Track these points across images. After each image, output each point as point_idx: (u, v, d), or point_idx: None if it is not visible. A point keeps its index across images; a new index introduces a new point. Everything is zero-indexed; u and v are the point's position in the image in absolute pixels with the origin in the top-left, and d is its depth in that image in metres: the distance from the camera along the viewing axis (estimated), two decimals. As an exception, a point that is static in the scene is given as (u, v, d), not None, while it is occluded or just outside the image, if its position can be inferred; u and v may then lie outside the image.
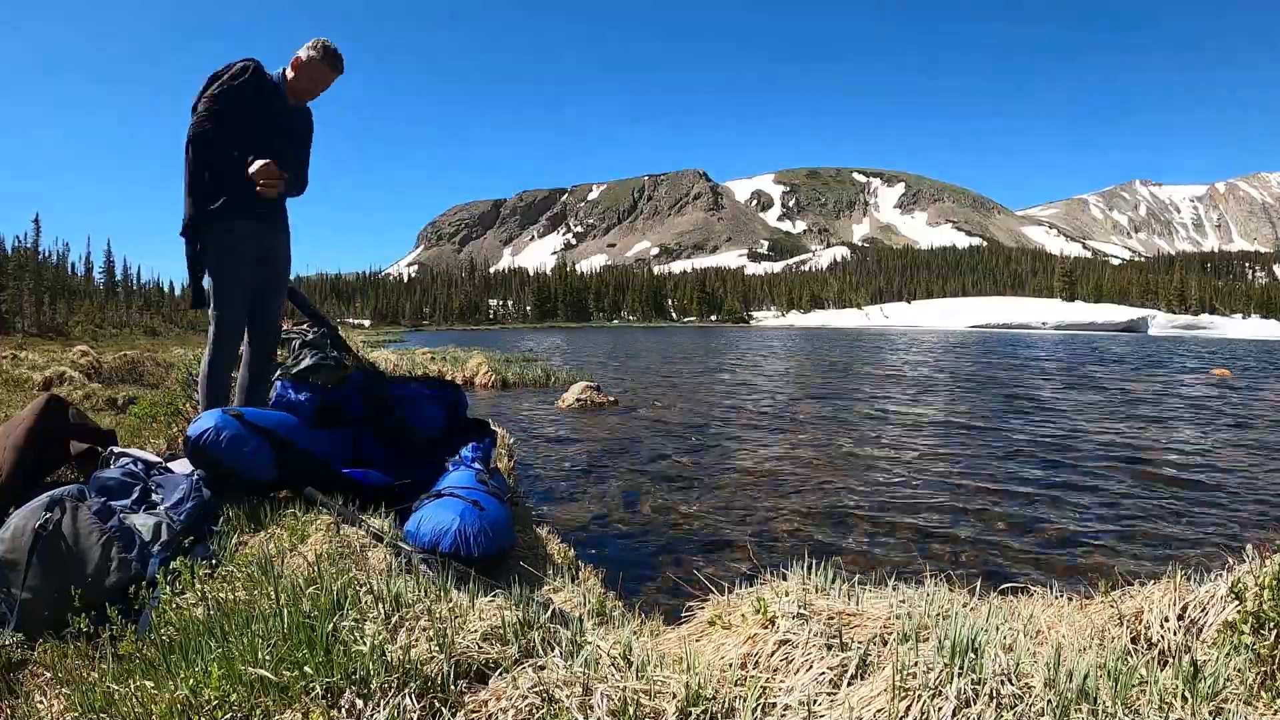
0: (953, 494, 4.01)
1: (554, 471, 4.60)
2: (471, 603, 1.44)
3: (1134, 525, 3.43)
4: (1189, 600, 1.46)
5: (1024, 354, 20.51)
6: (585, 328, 74.59)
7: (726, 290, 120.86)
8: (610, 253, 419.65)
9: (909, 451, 5.29)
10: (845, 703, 1.16)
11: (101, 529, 1.70)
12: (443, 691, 1.17)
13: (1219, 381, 11.76)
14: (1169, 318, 67.11)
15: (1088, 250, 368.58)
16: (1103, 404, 8.37)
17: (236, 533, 2.07)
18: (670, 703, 1.15)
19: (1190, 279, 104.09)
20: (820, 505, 3.76)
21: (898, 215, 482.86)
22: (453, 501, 2.17)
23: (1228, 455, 5.15)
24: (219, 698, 1.11)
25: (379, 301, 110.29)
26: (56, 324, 31.77)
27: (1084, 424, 6.70)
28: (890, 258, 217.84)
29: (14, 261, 31.80)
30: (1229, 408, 8.10)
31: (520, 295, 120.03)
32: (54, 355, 10.90)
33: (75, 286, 44.06)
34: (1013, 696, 1.10)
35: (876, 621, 1.41)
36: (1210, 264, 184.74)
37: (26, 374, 7.27)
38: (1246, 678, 1.19)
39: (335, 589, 1.38)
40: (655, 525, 3.43)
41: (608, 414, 7.29)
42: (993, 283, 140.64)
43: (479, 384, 10.02)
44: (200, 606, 1.47)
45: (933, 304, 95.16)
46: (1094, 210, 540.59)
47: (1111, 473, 4.56)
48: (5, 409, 5.14)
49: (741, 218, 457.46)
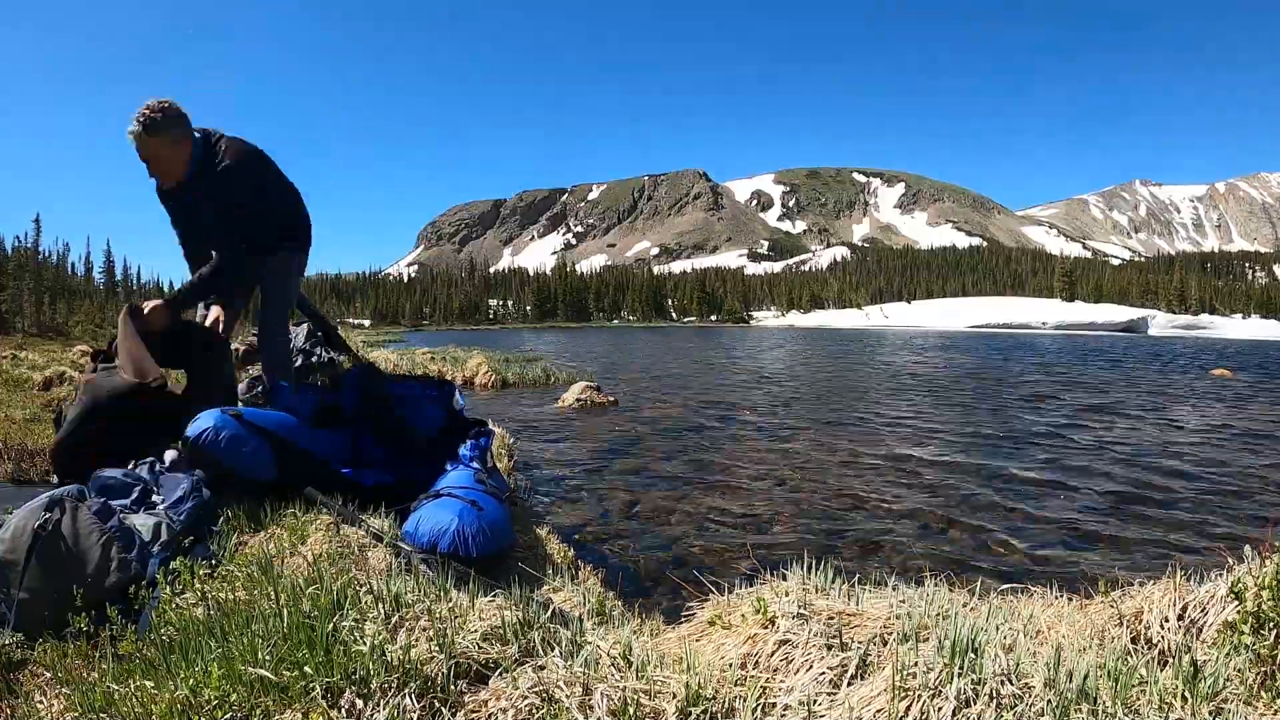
0: (952, 494, 4.01)
1: (554, 471, 4.59)
2: (471, 603, 1.44)
3: (1134, 525, 3.43)
4: (1189, 600, 1.46)
5: (1024, 354, 20.51)
6: (585, 328, 74.59)
7: (726, 290, 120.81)
8: (610, 253, 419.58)
9: (909, 451, 5.29)
10: (845, 703, 1.16)
11: (101, 529, 1.70)
12: (443, 691, 1.17)
13: (1219, 381, 11.76)
14: (1169, 318, 67.08)
15: (1088, 250, 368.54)
16: (1103, 404, 8.37)
17: (236, 533, 2.07)
18: (670, 703, 1.15)
19: (1190, 279, 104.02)
20: (820, 505, 3.76)
21: (898, 215, 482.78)
22: (451, 501, 2.17)
23: (1228, 455, 5.15)
24: (219, 698, 1.11)
25: (379, 301, 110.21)
26: (56, 324, 31.76)
27: (1084, 424, 6.70)
28: (890, 258, 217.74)
29: (14, 261, 31.79)
30: (1229, 408, 8.10)
31: (520, 295, 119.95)
32: (54, 355, 10.90)
33: (75, 286, 44.03)
34: (1013, 696, 1.10)
35: (876, 621, 1.41)
36: (1210, 264, 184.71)
37: (26, 374, 7.27)
38: (1246, 678, 1.19)
39: (335, 589, 1.38)
40: (655, 525, 3.43)
41: (608, 414, 7.28)
42: (993, 283, 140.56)
43: (479, 384, 10.01)
44: (200, 606, 1.47)
45: (933, 304, 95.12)
46: (1094, 210, 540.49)
47: (1111, 473, 4.56)
48: (5, 409, 5.14)
49: (741, 218, 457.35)
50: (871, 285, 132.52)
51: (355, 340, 12.36)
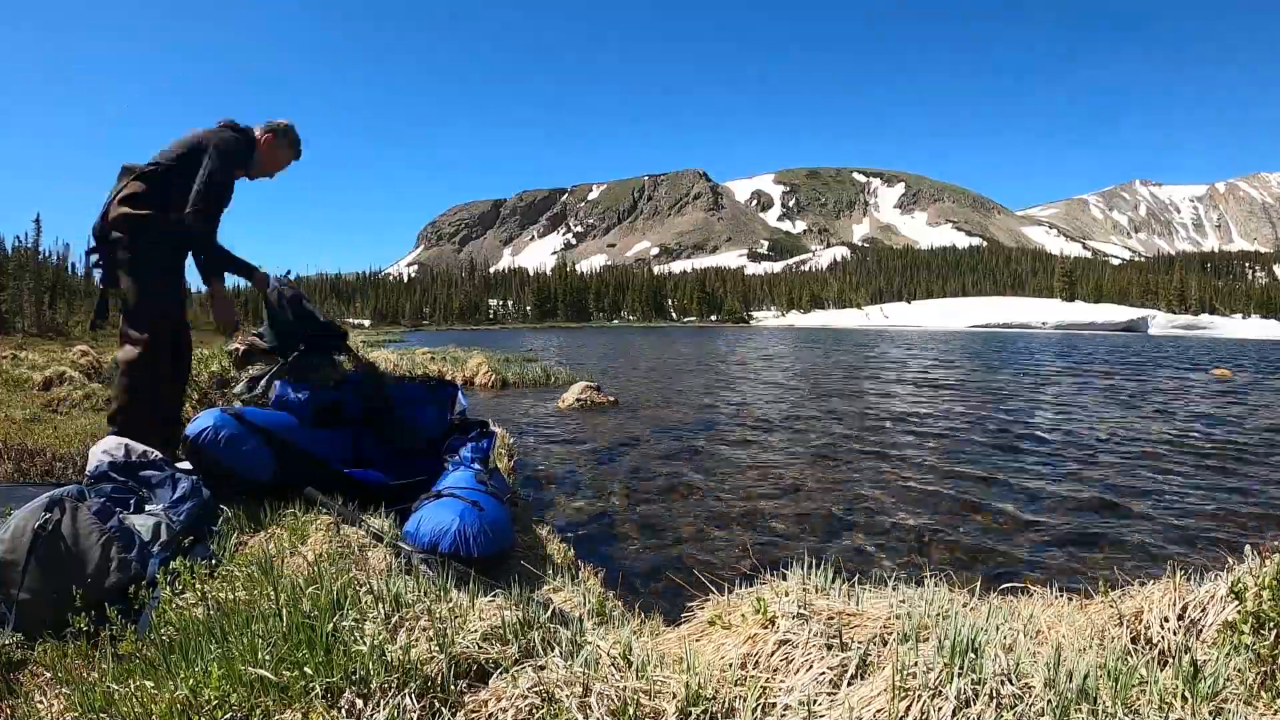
0: (953, 494, 4.01)
1: (554, 471, 4.59)
2: (471, 603, 1.44)
3: (1134, 525, 3.43)
4: (1189, 600, 1.46)
5: (1024, 354, 20.51)
6: (585, 328, 74.58)
7: (726, 290, 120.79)
8: (610, 253, 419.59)
9: (909, 451, 5.29)
10: (845, 703, 1.17)
11: (101, 529, 1.70)
12: (443, 691, 1.17)
13: (1219, 381, 11.76)
14: (1169, 318, 67.09)
15: (1088, 250, 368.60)
16: (1102, 404, 8.37)
17: (236, 533, 2.07)
18: (670, 703, 1.15)
19: (1190, 279, 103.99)
20: (821, 505, 3.76)
21: (898, 215, 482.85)
22: (452, 502, 2.17)
23: (1228, 455, 5.15)
24: (219, 698, 1.11)
25: (379, 301, 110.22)
26: (56, 324, 31.73)
27: (1083, 424, 6.70)
28: (890, 258, 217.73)
29: (14, 261, 31.76)
30: (1229, 407, 8.10)
31: (520, 295, 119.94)
32: (54, 355, 10.89)
33: (75, 286, 43.99)
34: (1013, 696, 1.10)
35: (876, 621, 1.41)
36: (1210, 264, 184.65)
37: (26, 374, 7.26)
38: (1246, 678, 1.19)
39: (335, 589, 1.38)
40: (655, 525, 3.43)
41: (608, 414, 7.28)
42: (993, 283, 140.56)
43: (479, 384, 10.01)
44: (200, 606, 1.46)
45: (933, 304, 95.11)
46: (1094, 210, 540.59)
47: (1111, 472, 4.56)
48: (5, 409, 5.14)
49: (741, 218, 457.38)
50: (871, 285, 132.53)
51: (355, 340, 12.35)
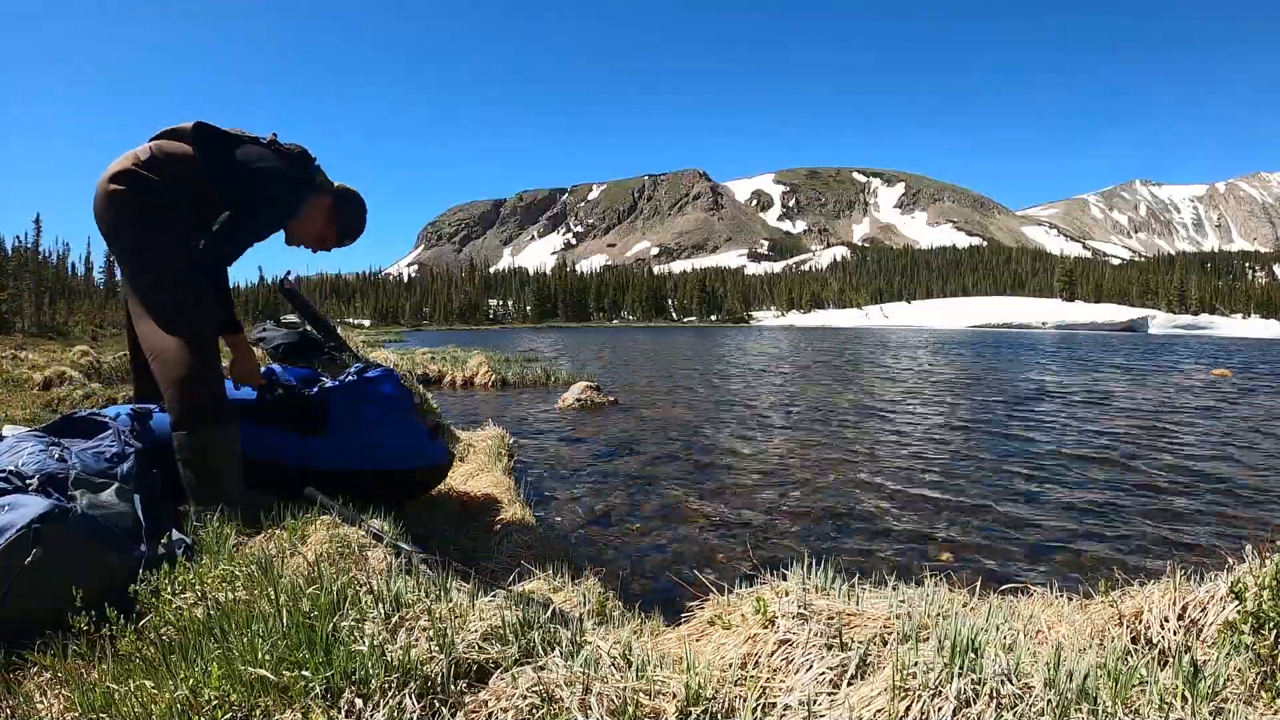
0: (953, 493, 4.01)
1: (554, 471, 4.59)
2: (471, 603, 1.44)
3: (1134, 525, 3.43)
4: (1189, 600, 1.46)
5: (1024, 354, 20.51)
6: (585, 328, 74.57)
7: (727, 290, 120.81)
8: (610, 253, 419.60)
9: (909, 451, 5.29)
10: (845, 703, 1.17)
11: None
12: (443, 691, 1.17)
13: (1219, 381, 11.76)
14: (1169, 318, 67.11)
15: (1088, 250, 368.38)
16: (1102, 403, 8.37)
17: (236, 533, 2.07)
18: (670, 703, 1.15)
19: (1190, 279, 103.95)
20: (820, 505, 3.76)
21: (898, 215, 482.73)
22: None
23: (1228, 455, 5.15)
24: (219, 698, 1.11)
25: (379, 301, 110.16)
26: (56, 324, 31.73)
27: (1084, 423, 6.70)
28: (890, 258, 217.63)
29: (14, 261, 31.76)
30: (1229, 407, 8.10)
31: (520, 295, 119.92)
32: (54, 355, 10.88)
33: (75, 286, 43.99)
34: (1013, 696, 1.10)
35: (876, 621, 1.41)
36: (1210, 264, 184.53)
37: (26, 374, 7.26)
38: (1246, 678, 1.19)
39: (335, 589, 1.38)
40: (655, 525, 3.43)
41: (608, 414, 7.29)
42: (993, 283, 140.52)
43: (479, 384, 10.02)
44: (200, 606, 1.47)
45: (933, 304, 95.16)
46: (1094, 210, 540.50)
47: (1111, 472, 4.56)
48: (5, 409, 5.14)
49: (741, 218, 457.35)
50: (871, 285, 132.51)
51: (355, 340, 12.36)
